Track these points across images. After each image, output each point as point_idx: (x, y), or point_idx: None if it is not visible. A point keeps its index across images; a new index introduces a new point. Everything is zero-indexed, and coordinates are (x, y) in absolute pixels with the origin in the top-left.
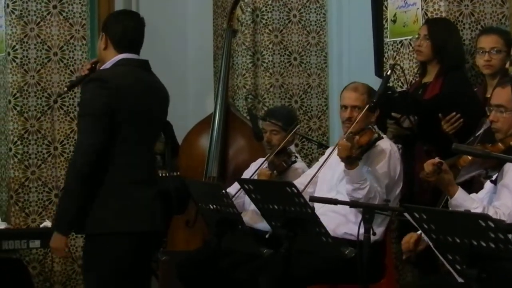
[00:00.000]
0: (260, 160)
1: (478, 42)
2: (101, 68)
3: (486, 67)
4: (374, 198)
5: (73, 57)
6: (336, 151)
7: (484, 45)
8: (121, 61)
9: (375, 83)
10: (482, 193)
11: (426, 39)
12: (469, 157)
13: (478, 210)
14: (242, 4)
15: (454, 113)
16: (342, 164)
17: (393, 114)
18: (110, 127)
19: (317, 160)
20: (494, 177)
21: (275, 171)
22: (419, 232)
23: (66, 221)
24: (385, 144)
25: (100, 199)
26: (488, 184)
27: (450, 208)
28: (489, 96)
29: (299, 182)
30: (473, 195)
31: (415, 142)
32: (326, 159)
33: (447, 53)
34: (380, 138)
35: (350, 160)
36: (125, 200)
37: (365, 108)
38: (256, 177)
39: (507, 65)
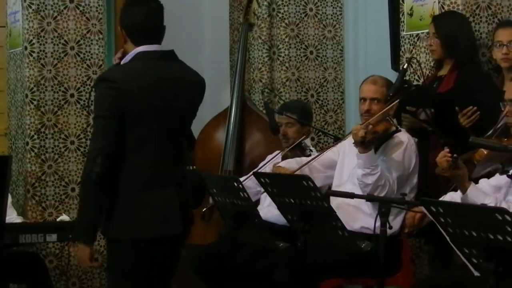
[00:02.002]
0: (276, 152)
1: (495, 36)
2: (121, 62)
3: (504, 60)
4: (383, 187)
5: (89, 51)
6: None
7: (502, 38)
8: (138, 55)
9: (392, 77)
10: (493, 181)
11: (435, 37)
12: (485, 152)
13: (492, 205)
14: None
15: (471, 106)
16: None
17: (407, 107)
18: (120, 129)
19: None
20: (510, 172)
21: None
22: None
23: (83, 230)
24: (403, 136)
25: (114, 204)
26: (504, 178)
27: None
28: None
29: (320, 162)
30: (484, 182)
31: (429, 135)
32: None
33: (458, 47)
34: (398, 130)
35: (364, 145)
36: (137, 205)
37: (387, 107)
38: (268, 169)
39: None
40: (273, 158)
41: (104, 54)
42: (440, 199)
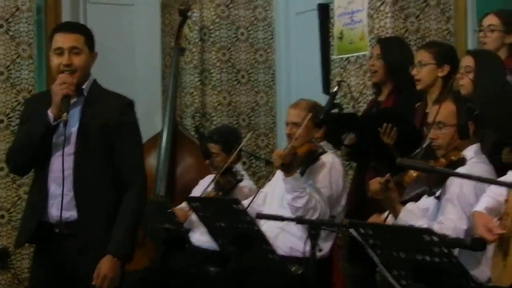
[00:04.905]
0: (209, 176)
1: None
2: None
3: (416, 82)
4: (315, 209)
5: (19, 77)
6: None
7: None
8: None
9: (324, 100)
10: (423, 204)
11: (378, 59)
12: (414, 174)
13: (424, 226)
14: (189, 22)
15: (385, 124)
16: None
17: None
18: None
19: (266, 178)
20: (437, 193)
21: (220, 192)
22: (385, 215)
23: None
24: (327, 158)
25: None
26: (431, 200)
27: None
28: (428, 111)
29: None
30: (413, 205)
31: (368, 159)
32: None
33: (400, 72)
34: (322, 152)
35: (285, 168)
36: None
37: (304, 123)
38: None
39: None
40: (206, 184)
41: (35, 79)
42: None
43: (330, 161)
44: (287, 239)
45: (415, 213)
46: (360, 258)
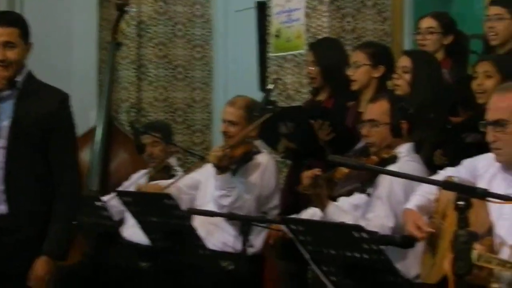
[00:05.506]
0: (142, 171)
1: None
2: None
3: (351, 82)
4: (240, 209)
5: None
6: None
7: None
8: None
9: (260, 98)
10: (353, 200)
11: (314, 65)
12: (345, 171)
13: (350, 222)
14: (127, 17)
15: (320, 120)
16: None
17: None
18: None
19: None
20: (368, 190)
21: None
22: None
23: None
24: (263, 158)
25: None
26: (363, 197)
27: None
28: (361, 110)
29: (184, 183)
30: (344, 201)
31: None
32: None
33: (336, 74)
34: (257, 152)
35: (220, 168)
36: None
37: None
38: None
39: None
40: (138, 177)
41: None
42: (301, 214)
43: (265, 161)
44: (219, 235)
45: (343, 210)
46: (293, 254)
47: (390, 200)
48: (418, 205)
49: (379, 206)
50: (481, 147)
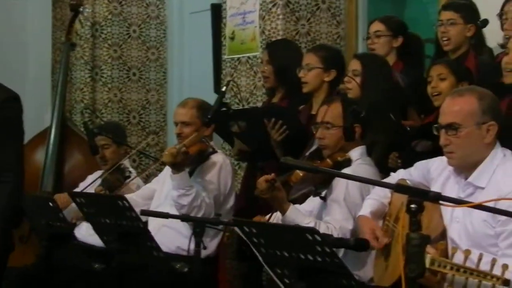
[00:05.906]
0: (98, 172)
1: None
2: None
3: (302, 84)
4: (200, 208)
5: None
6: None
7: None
8: None
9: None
10: (308, 206)
11: (268, 64)
12: (300, 174)
13: (311, 225)
14: (81, 18)
15: (274, 119)
16: None
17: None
18: None
19: (155, 176)
20: (323, 194)
21: (106, 190)
22: (267, 216)
23: None
24: (219, 157)
25: None
26: (316, 200)
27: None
28: (314, 113)
29: (140, 195)
30: (301, 208)
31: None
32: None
33: (289, 74)
34: (214, 152)
35: (175, 166)
36: None
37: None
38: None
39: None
40: (93, 178)
41: None
42: (273, 217)
43: (220, 161)
44: (172, 237)
45: (303, 212)
46: (249, 256)
47: (347, 203)
48: (372, 211)
49: (337, 209)
50: (434, 153)
